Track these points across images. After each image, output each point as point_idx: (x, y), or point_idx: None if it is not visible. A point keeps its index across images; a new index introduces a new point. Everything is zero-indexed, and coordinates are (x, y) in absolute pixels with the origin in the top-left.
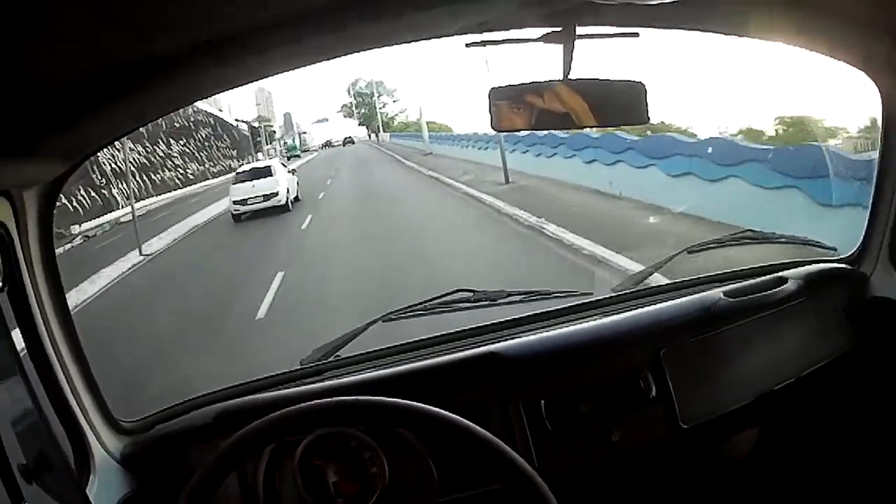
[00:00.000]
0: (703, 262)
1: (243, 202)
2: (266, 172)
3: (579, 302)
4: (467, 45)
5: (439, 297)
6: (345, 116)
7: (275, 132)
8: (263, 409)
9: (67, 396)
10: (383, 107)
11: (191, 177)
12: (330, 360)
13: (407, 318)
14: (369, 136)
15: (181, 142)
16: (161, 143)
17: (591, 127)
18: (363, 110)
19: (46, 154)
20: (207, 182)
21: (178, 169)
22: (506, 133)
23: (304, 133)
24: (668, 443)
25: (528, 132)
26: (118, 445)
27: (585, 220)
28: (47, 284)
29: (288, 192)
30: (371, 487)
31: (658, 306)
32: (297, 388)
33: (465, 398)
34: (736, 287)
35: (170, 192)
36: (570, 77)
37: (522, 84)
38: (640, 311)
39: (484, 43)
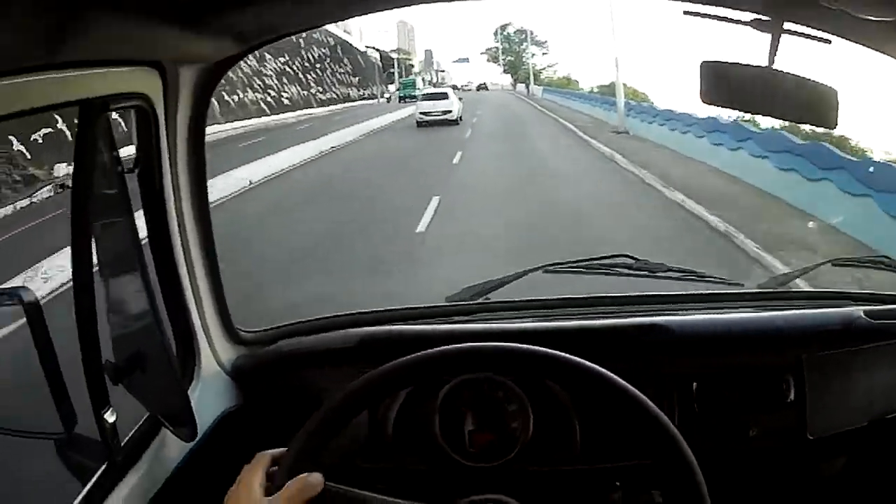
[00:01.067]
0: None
1: (427, 114)
2: (444, 96)
3: (730, 291)
4: (685, 13)
5: (602, 258)
6: (488, 60)
7: (412, 66)
8: (410, 342)
9: (186, 294)
10: (531, 57)
11: (286, 102)
12: (479, 301)
13: (566, 273)
14: (513, 85)
15: (281, 59)
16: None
17: (783, 119)
18: (509, 57)
19: (214, 32)
20: (310, 111)
21: (269, 91)
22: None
23: (443, 71)
24: (793, 450)
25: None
26: (231, 355)
27: None
28: (189, 171)
29: (458, 111)
30: (508, 442)
31: (801, 312)
32: (445, 326)
33: (620, 365)
34: (877, 309)
35: (249, 119)
36: (773, 67)
37: (733, 63)
38: (786, 312)
39: (700, 14)
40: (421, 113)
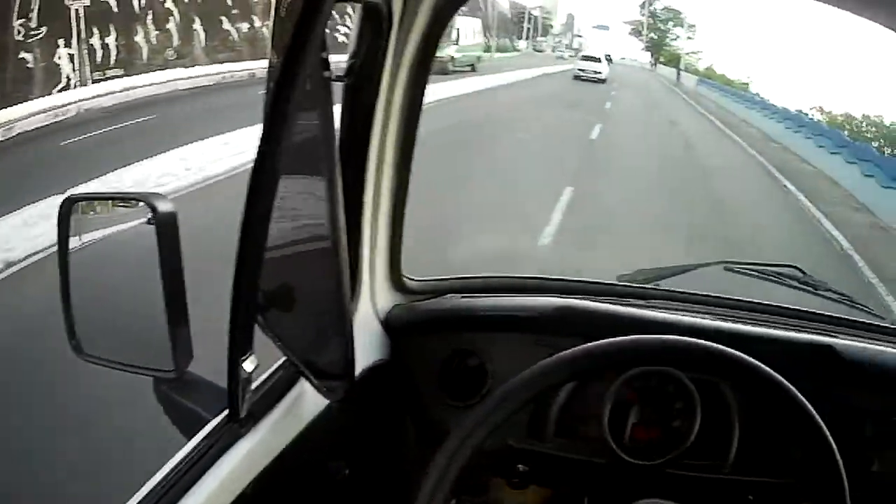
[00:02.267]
0: None
1: (583, 71)
2: (597, 59)
3: (879, 323)
4: None
5: (774, 266)
6: (630, 33)
7: (551, 26)
8: (588, 321)
9: (363, 226)
10: (675, 39)
11: None
12: (651, 286)
13: (742, 274)
14: (653, 65)
15: None
16: None
17: None
18: (652, 35)
19: None
20: None
21: None
22: None
23: (580, 37)
24: None
25: None
26: (388, 303)
27: None
28: (406, 91)
29: (607, 73)
30: (669, 440)
31: None
32: (624, 308)
33: (793, 381)
34: None
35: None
36: None
37: None
38: None
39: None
40: (579, 69)
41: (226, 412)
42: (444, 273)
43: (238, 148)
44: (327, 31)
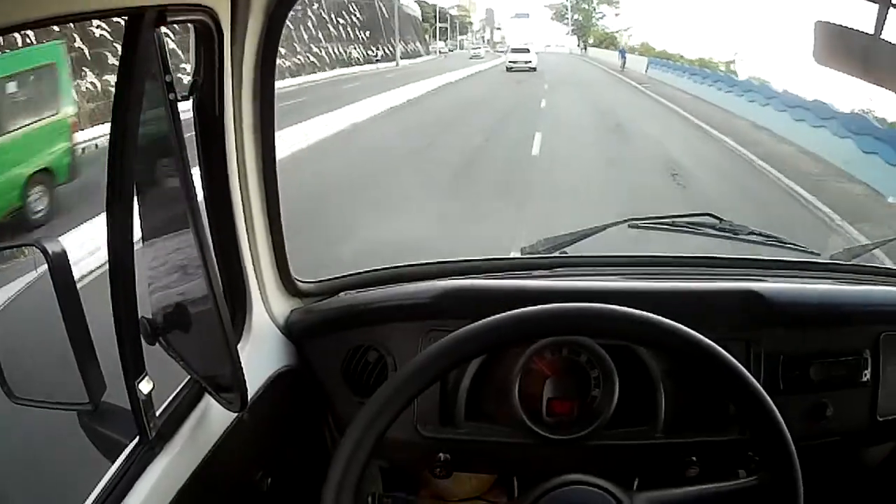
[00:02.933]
0: None
1: (514, 63)
2: (526, 50)
3: (811, 260)
4: None
5: (686, 216)
6: (552, 18)
7: (471, 23)
8: (487, 298)
9: (240, 238)
10: (601, 17)
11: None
12: (557, 254)
13: (650, 230)
14: (583, 49)
15: None
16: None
17: (888, 89)
18: (577, 17)
19: None
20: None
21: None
22: None
23: (499, 29)
24: (861, 432)
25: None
26: (285, 309)
27: None
28: (254, 101)
29: (536, 62)
30: (588, 412)
31: (883, 288)
32: (525, 282)
33: (711, 334)
34: None
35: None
36: (881, 37)
37: (846, 27)
38: (869, 288)
39: None
40: (510, 61)
41: (137, 437)
42: None
43: None
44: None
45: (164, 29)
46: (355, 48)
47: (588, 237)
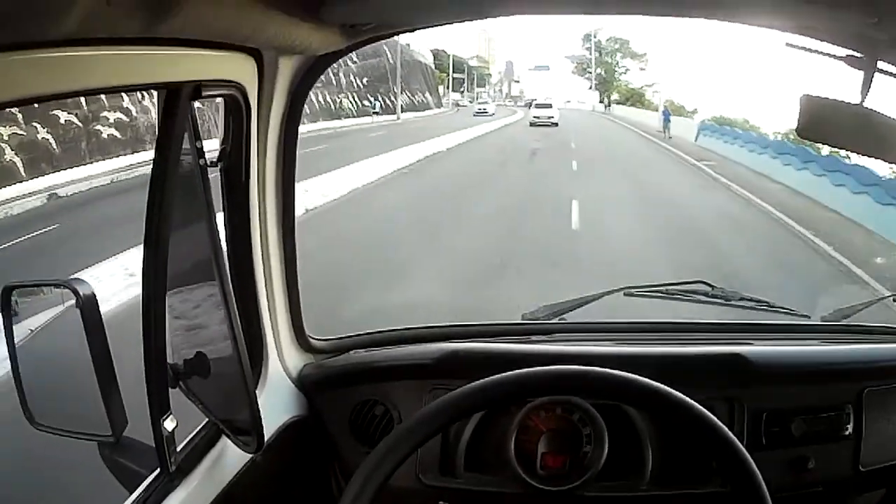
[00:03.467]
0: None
1: (538, 118)
2: (548, 105)
3: (799, 322)
4: (786, 45)
5: (679, 284)
6: (573, 72)
7: (489, 75)
8: (488, 361)
9: (259, 296)
10: (625, 72)
11: None
12: (556, 320)
13: (644, 297)
14: (607, 107)
15: None
16: None
17: (876, 158)
18: (600, 70)
19: (323, 23)
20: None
21: None
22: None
23: (517, 82)
24: (845, 482)
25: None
26: (299, 363)
27: None
28: (277, 168)
29: (558, 117)
30: (580, 466)
31: (866, 346)
32: (524, 346)
33: (698, 394)
34: None
35: None
36: (864, 105)
37: (831, 99)
38: (851, 347)
39: (799, 47)
40: (534, 116)
41: (158, 469)
42: None
43: None
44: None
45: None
46: (347, 97)
47: (586, 304)
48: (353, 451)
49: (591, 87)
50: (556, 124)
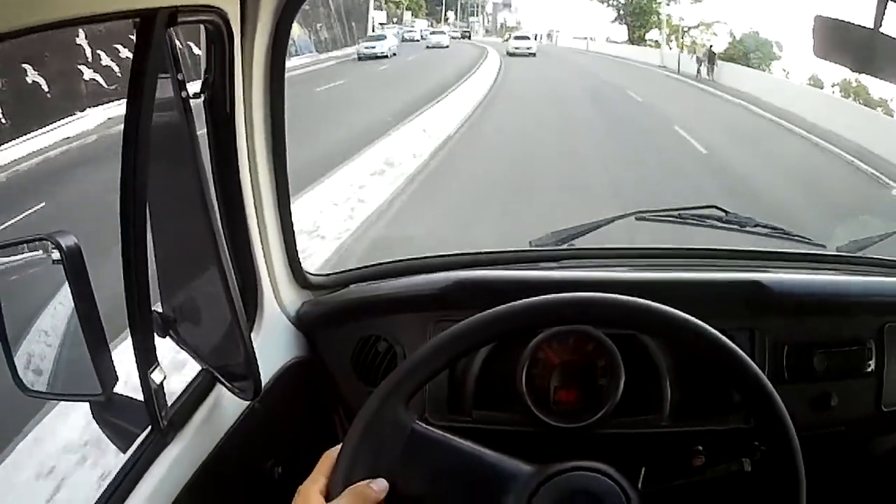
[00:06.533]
0: None
1: (517, 48)
2: (527, 37)
3: (817, 252)
4: None
5: (693, 209)
6: None
7: (483, 4)
8: (495, 289)
9: (251, 232)
10: (668, 3)
11: None
12: (565, 247)
13: (658, 222)
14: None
15: None
16: None
17: (888, 81)
18: None
19: None
20: None
21: None
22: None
23: (507, 5)
24: (867, 422)
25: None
26: (296, 301)
27: None
28: (264, 100)
29: (536, 48)
30: (594, 400)
31: (887, 279)
32: (533, 273)
33: (717, 322)
34: None
35: None
36: (880, 30)
37: (845, 21)
38: (872, 279)
39: None
40: (513, 47)
41: (149, 426)
42: None
43: None
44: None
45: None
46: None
47: (596, 230)
48: (357, 389)
49: (615, 20)
50: (534, 54)
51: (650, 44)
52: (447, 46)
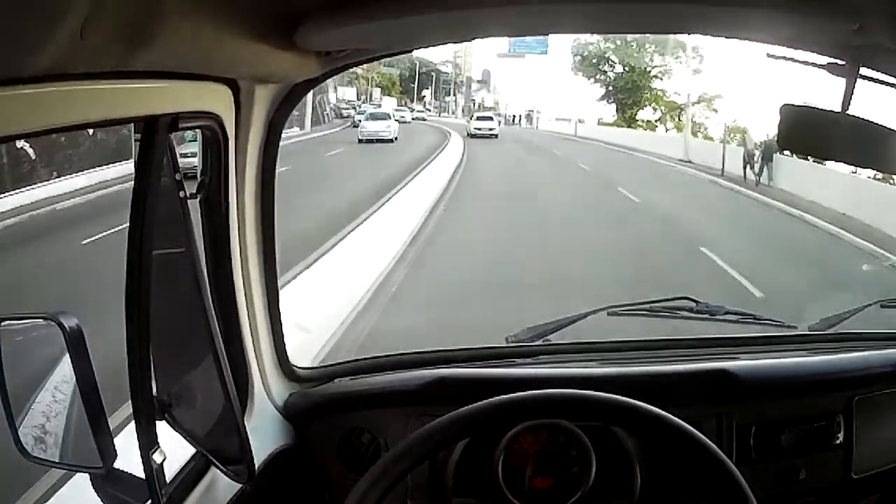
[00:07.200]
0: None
1: (479, 129)
2: (489, 118)
3: (786, 334)
4: (767, 55)
5: (664, 301)
6: (575, 68)
7: (461, 83)
8: (473, 386)
9: (242, 327)
10: (662, 73)
11: None
12: (540, 342)
13: (628, 315)
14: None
15: None
16: None
17: (858, 166)
18: (620, 69)
19: (297, 51)
20: None
21: None
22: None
23: (479, 81)
24: (838, 490)
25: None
26: (284, 392)
27: None
28: (256, 199)
29: (498, 129)
30: (568, 487)
31: (852, 355)
32: (509, 370)
33: (685, 411)
34: None
35: None
36: (847, 112)
37: (812, 107)
38: (838, 356)
39: (780, 57)
40: (474, 128)
41: (149, 502)
42: None
43: None
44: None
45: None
46: None
47: (569, 325)
48: (343, 478)
49: (603, 97)
50: (496, 136)
51: (640, 125)
52: (391, 140)
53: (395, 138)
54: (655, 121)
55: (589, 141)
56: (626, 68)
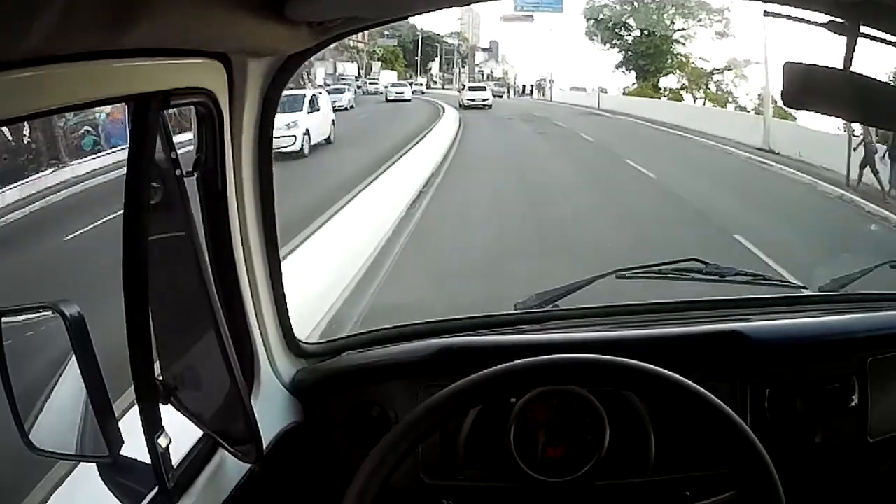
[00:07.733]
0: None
1: (472, 100)
2: (482, 88)
3: (796, 294)
4: (765, 14)
5: (673, 263)
6: (590, 32)
7: (465, 55)
8: (482, 354)
9: (245, 304)
10: (684, 37)
11: None
12: (548, 308)
13: (636, 279)
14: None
15: None
16: None
17: (861, 123)
18: (637, 33)
19: (289, 23)
20: None
21: None
22: None
23: (486, 51)
24: (854, 454)
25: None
26: (291, 369)
27: None
28: (254, 174)
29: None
30: (582, 455)
31: (865, 315)
32: (517, 336)
33: (697, 374)
34: None
35: None
36: (850, 69)
37: (815, 65)
38: (850, 316)
39: (778, 15)
40: (467, 100)
41: (157, 487)
42: None
43: None
44: None
45: None
46: None
47: (577, 290)
48: (352, 453)
49: (622, 64)
50: (490, 106)
51: (664, 93)
52: (409, 100)
53: (410, 99)
54: (680, 89)
55: (618, 116)
56: (646, 32)
